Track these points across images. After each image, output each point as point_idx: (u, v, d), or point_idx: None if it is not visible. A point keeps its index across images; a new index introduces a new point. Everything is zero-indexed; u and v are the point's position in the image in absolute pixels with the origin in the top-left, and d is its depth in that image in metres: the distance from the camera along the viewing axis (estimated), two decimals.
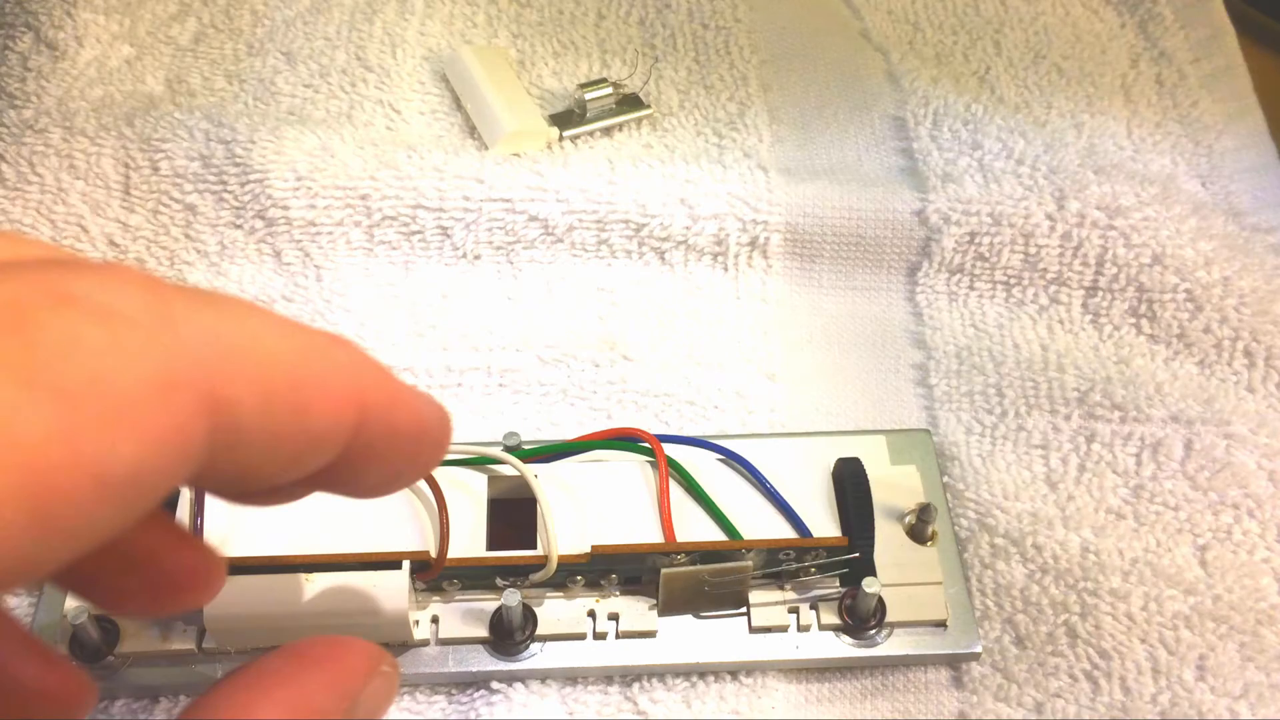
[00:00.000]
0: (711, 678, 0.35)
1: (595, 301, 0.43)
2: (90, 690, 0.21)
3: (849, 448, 0.37)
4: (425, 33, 0.52)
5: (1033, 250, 0.43)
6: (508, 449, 0.37)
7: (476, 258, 0.44)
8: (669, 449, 0.36)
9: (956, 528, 0.38)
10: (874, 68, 0.51)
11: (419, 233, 0.44)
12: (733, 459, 0.37)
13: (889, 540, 0.36)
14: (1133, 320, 0.43)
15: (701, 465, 0.37)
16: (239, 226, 0.43)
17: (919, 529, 0.36)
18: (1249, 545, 0.37)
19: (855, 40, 0.53)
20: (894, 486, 0.37)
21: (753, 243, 0.44)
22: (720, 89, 0.51)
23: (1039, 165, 0.45)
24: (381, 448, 0.21)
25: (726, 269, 0.45)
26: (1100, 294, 0.43)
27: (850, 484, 0.35)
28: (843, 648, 0.35)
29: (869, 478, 0.36)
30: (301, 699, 0.20)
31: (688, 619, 0.35)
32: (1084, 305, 0.43)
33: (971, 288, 0.44)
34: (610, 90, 0.49)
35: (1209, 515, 0.38)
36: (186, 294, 0.18)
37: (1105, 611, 0.35)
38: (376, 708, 0.22)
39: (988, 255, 0.43)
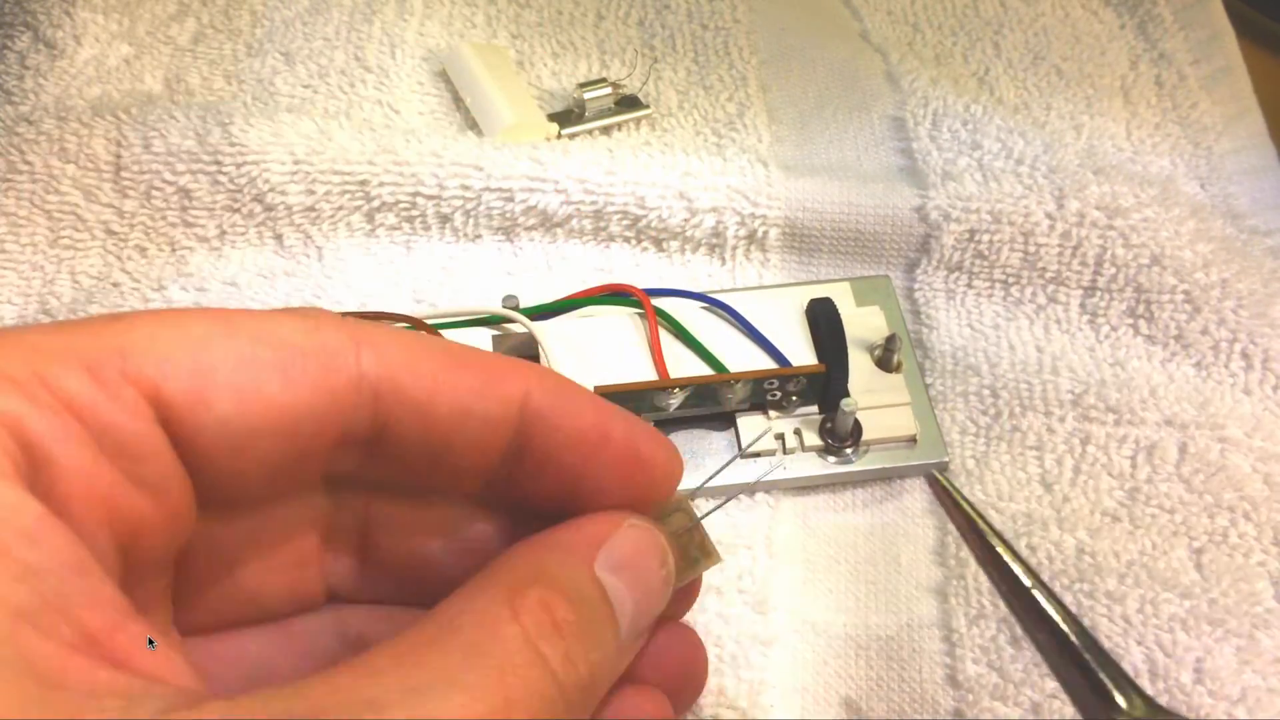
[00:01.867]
0: (710, 500, 0.37)
1: (594, 280, 0.43)
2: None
3: (818, 294, 0.41)
4: (424, 33, 0.52)
5: (1032, 249, 0.43)
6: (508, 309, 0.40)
7: (477, 237, 0.44)
8: (656, 301, 0.40)
9: (920, 368, 0.42)
10: (873, 68, 0.51)
11: (419, 217, 0.44)
12: (715, 305, 0.40)
13: (860, 369, 0.40)
14: (1130, 321, 0.43)
15: (687, 314, 0.40)
16: (236, 210, 0.43)
17: (886, 358, 0.41)
18: (1245, 549, 0.37)
19: (855, 41, 0.53)
20: (861, 324, 0.41)
21: (750, 236, 0.44)
22: (719, 89, 0.51)
23: (1038, 165, 0.45)
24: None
25: (724, 261, 0.45)
26: (1099, 294, 0.43)
27: (823, 317, 0.39)
28: (825, 466, 0.39)
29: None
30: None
31: (687, 449, 0.39)
32: (1082, 305, 0.43)
33: (970, 285, 0.44)
34: (609, 90, 0.49)
35: (1204, 518, 0.37)
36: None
37: (1101, 614, 0.35)
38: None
39: (987, 253, 0.43)
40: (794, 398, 0.40)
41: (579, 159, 0.44)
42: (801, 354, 0.40)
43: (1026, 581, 0.27)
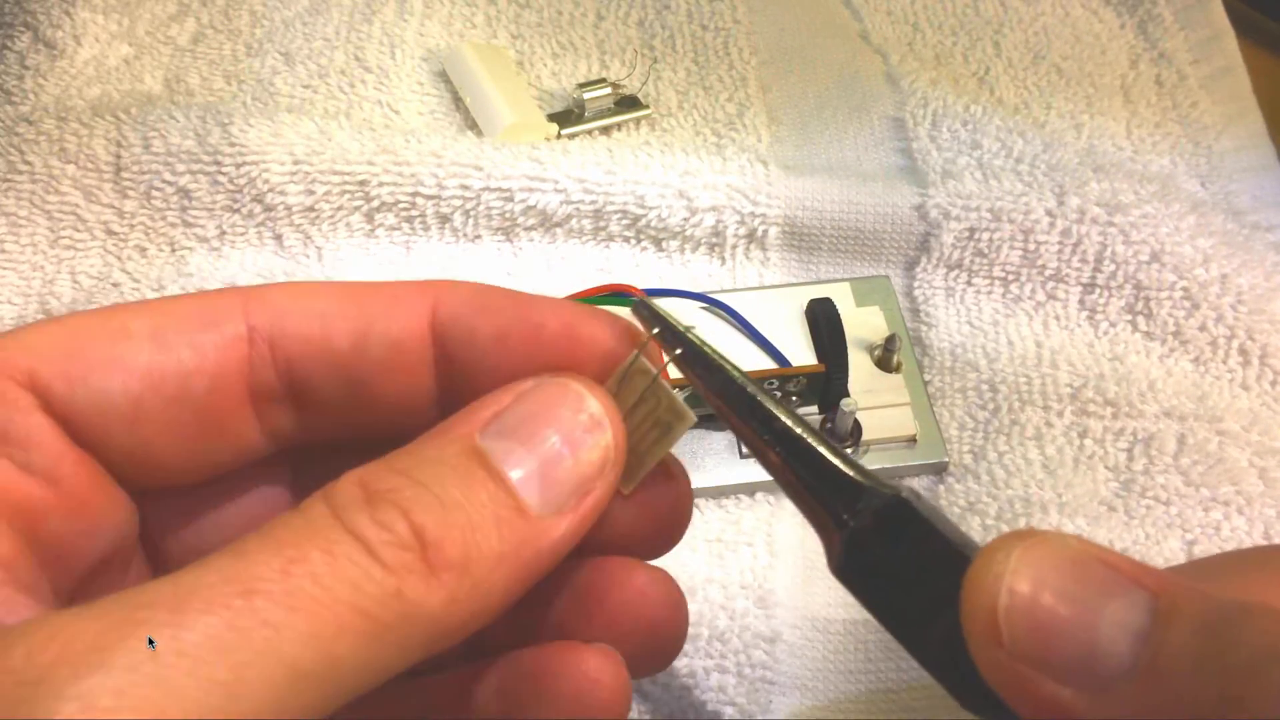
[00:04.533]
0: (710, 500, 0.38)
1: (594, 280, 0.43)
2: None
3: (818, 294, 0.41)
4: (424, 33, 0.52)
5: (1032, 246, 0.43)
6: None
7: (477, 238, 0.44)
8: (655, 301, 0.38)
9: (920, 368, 0.42)
10: (873, 69, 0.51)
11: (419, 217, 0.44)
12: (714, 305, 0.40)
13: (860, 369, 0.40)
14: (1129, 317, 0.43)
15: (687, 314, 0.39)
16: (236, 210, 0.43)
17: (886, 359, 0.41)
18: (1236, 541, 0.37)
19: (854, 42, 0.53)
20: (861, 324, 0.41)
21: (750, 235, 0.44)
22: (719, 90, 0.51)
23: (1038, 163, 0.45)
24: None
25: (724, 261, 0.45)
26: (1098, 291, 0.43)
27: (823, 317, 0.39)
28: None
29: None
30: None
31: (686, 449, 0.39)
32: (1081, 302, 0.43)
33: (969, 283, 0.44)
34: (609, 90, 0.49)
35: (1199, 511, 0.38)
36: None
37: None
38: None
39: (987, 251, 0.43)
40: (794, 398, 0.40)
41: (579, 159, 0.44)
42: (801, 354, 0.40)
43: (750, 389, 0.24)
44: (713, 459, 0.39)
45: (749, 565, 0.37)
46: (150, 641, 0.17)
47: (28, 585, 0.21)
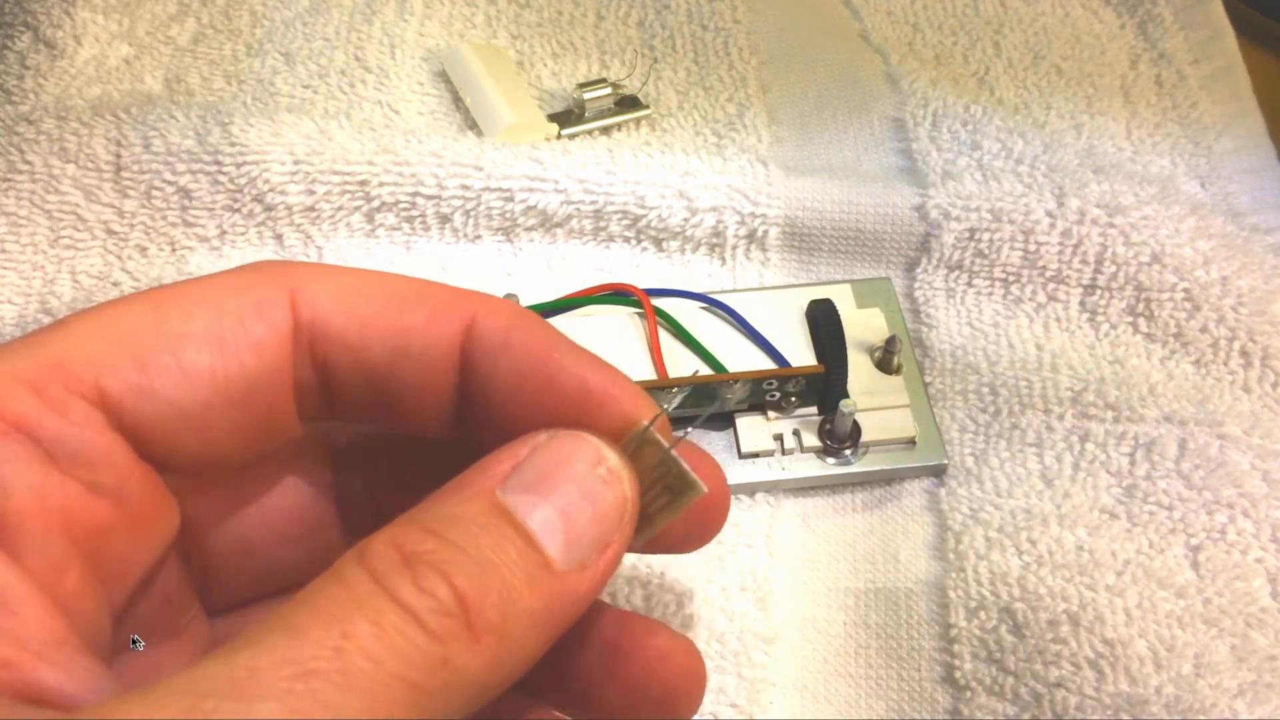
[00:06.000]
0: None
1: (594, 280, 0.43)
2: None
3: (818, 295, 0.41)
4: (424, 33, 0.52)
5: (1032, 247, 0.43)
6: None
7: (477, 238, 0.44)
8: (656, 301, 0.40)
9: (921, 369, 0.42)
10: (873, 69, 0.51)
11: (419, 217, 0.44)
12: (714, 305, 0.40)
13: (860, 371, 0.40)
14: (1130, 319, 0.43)
15: (687, 314, 0.40)
16: (236, 210, 0.43)
17: (886, 360, 0.41)
18: (1243, 545, 0.37)
19: (854, 42, 0.53)
20: (861, 326, 0.41)
21: (750, 236, 0.44)
22: (719, 90, 0.51)
23: (1038, 164, 0.45)
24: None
25: (724, 261, 0.45)
26: (1099, 292, 0.43)
27: (823, 318, 0.39)
28: (824, 467, 0.39)
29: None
30: None
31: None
32: (1081, 303, 0.43)
33: (970, 284, 0.44)
34: (609, 90, 0.49)
35: (1203, 515, 0.37)
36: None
37: (1104, 606, 0.35)
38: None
39: (987, 252, 0.43)
40: (793, 399, 0.40)
41: (579, 159, 0.44)
42: (801, 355, 0.40)
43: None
44: None
45: (748, 566, 0.37)
46: None
47: (85, 620, 0.21)
